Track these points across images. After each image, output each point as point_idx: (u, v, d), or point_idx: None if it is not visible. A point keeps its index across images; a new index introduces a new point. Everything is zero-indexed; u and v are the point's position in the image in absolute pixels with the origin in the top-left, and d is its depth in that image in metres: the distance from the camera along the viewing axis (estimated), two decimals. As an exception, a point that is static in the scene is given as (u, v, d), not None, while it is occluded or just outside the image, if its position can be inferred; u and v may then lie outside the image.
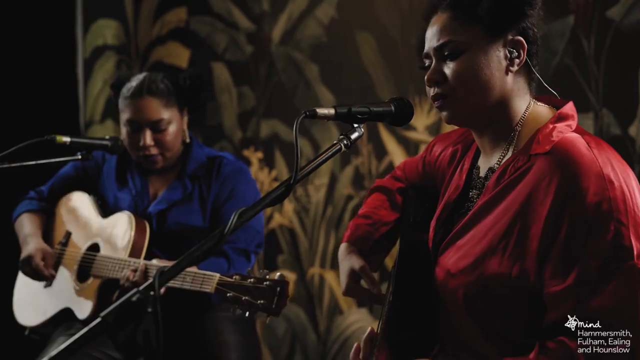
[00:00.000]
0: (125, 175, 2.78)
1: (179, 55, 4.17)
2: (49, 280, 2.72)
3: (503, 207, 1.59)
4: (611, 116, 2.78)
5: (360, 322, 3.61)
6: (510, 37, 1.63)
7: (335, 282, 3.69)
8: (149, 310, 1.17)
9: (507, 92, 1.64)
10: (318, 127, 3.68)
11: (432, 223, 1.78)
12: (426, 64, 1.68)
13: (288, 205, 3.82)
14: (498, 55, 1.63)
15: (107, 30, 4.38)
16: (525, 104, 1.67)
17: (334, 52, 3.66)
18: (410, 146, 3.43)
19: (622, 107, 2.78)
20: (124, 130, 2.69)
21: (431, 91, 1.67)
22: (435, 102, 1.66)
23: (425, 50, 1.68)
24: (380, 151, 3.50)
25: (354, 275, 1.88)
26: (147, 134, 2.62)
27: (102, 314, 1.17)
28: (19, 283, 2.89)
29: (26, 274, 2.70)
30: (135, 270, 2.43)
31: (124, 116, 2.66)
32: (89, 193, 2.81)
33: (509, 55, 1.63)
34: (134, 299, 1.18)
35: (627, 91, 2.77)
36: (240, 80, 3.98)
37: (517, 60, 1.64)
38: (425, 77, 1.67)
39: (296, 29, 3.77)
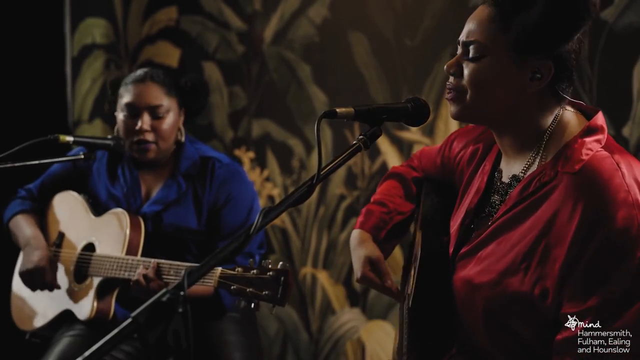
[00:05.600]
0: (116, 172, 2.74)
1: (169, 55, 4.15)
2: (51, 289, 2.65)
3: (527, 225, 1.57)
4: (605, 117, 2.80)
5: (352, 321, 3.62)
6: (538, 58, 1.57)
7: (328, 282, 3.69)
8: (180, 310, 1.17)
9: (523, 110, 1.60)
10: (311, 127, 3.68)
11: (454, 228, 1.76)
12: (457, 51, 1.65)
13: (280, 205, 3.81)
14: (518, 72, 1.58)
15: (95, 29, 4.34)
16: (552, 118, 1.62)
17: (326, 52, 3.66)
18: (403, 146, 3.44)
19: (616, 107, 2.81)
20: (120, 116, 2.66)
21: (448, 79, 1.66)
22: (448, 94, 1.64)
23: (459, 37, 1.65)
24: (374, 151, 3.50)
25: (370, 263, 1.85)
26: (145, 117, 2.61)
27: (133, 314, 1.17)
28: (16, 287, 2.82)
29: (30, 283, 2.62)
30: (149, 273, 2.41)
31: (123, 100, 2.64)
32: (79, 192, 2.77)
33: (530, 75, 1.58)
34: (164, 299, 1.18)
35: (621, 92, 2.81)
36: (232, 80, 3.97)
37: (536, 82, 1.58)
38: (445, 65, 1.66)
39: (288, 29, 3.76)
